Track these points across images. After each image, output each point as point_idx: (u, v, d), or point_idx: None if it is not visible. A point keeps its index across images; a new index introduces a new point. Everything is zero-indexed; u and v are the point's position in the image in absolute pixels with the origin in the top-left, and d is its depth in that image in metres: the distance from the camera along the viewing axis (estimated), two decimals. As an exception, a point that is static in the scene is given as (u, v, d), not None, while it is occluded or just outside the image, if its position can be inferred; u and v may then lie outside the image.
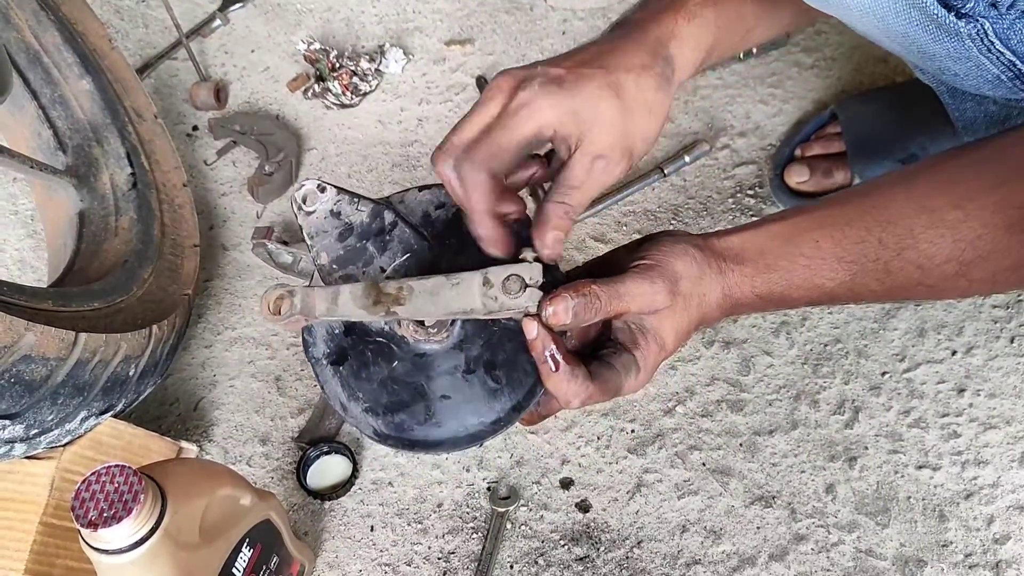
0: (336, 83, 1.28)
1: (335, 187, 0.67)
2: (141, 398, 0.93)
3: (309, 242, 0.67)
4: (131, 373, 0.86)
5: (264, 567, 0.80)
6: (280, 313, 0.63)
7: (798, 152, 1.11)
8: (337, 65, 1.30)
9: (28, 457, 0.81)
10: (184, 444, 0.98)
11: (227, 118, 1.29)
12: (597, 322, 0.64)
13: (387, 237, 0.67)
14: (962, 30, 0.64)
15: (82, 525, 0.59)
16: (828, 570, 0.89)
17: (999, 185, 0.61)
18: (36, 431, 0.76)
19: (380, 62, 1.31)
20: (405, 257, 0.67)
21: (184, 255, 1.06)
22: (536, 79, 0.64)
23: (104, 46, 1.15)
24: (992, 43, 0.65)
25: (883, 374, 0.99)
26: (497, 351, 0.66)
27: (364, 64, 1.30)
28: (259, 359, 1.10)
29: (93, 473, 0.60)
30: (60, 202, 1.05)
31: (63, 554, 0.82)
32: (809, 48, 1.24)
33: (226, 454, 1.03)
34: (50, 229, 1.08)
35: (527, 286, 0.60)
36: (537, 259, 0.64)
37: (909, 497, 0.92)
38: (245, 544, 0.76)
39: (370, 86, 1.30)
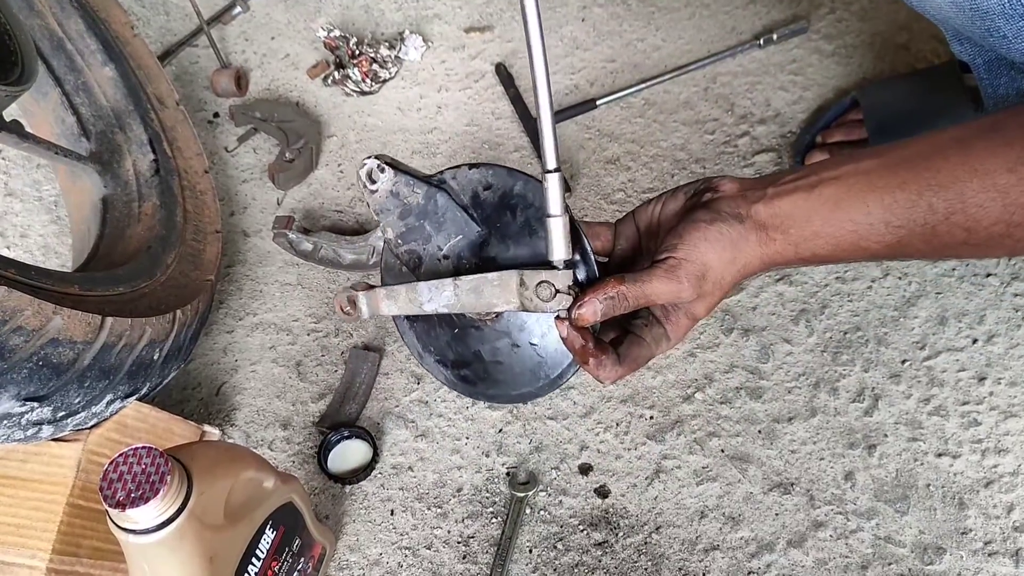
0: (356, 70, 1.29)
1: (393, 168, 0.70)
2: (165, 382, 0.93)
3: (376, 217, 0.72)
4: (155, 357, 0.87)
5: (287, 549, 0.81)
6: (350, 314, 0.74)
7: (819, 139, 1.11)
8: (357, 52, 1.30)
9: (55, 439, 0.82)
10: (207, 428, 0.99)
11: (247, 105, 1.30)
12: None
13: (441, 219, 0.71)
14: None
15: (110, 505, 0.60)
16: (847, 557, 0.89)
17: None
18: (63, 413, 0.77)
19: (399, 49, 1.31)
20: (458, 238, 0.71)
21: (206, 241, 1.07)
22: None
23: (126, 33, 1.15)
24: None
25: (903, 362, 0.99)
26: (540, 329, 0.72)
27: (384, 51, 1.30)
28: (280, 344, 1.11)
29: (121, 455, 0.61)
30: (84, 188, 1.06)
31: (89, 534, 0.83)
32: (830, 35, 1.24)
33: (248, 438, 1.04)
34: (74, 215, 1.09)
35: (558, 292, 0.65)
36: (568, 264, 0.65)
37: (928, 485, 0.92)
38: (268, 526, 0.76)
39: (390, 73, 1.31)
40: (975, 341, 0.99)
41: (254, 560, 0.75)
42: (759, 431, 0.97)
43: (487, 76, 1.29)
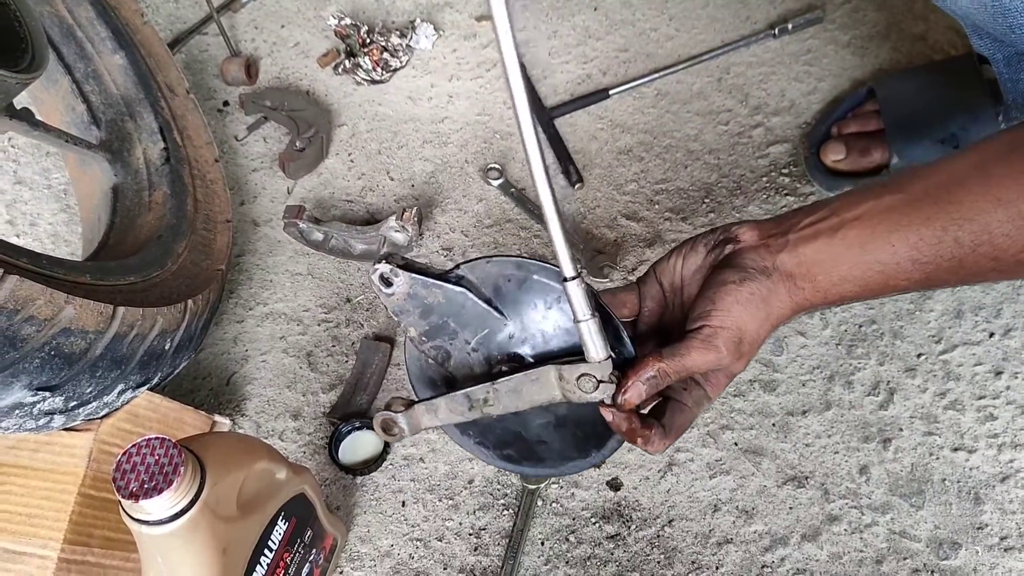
0: (366, 59, 1.28)
1: (407, 272, 0.68)
2: (176, 372, 0.93)
3: (396, 318, 0.71)
4: (167, 347, 0.86)
5: (298, 540, 0.81)
6: (392, 433, 0.71)
7: (834, 130, 1.10)
8: (367, 41, 1.29)
9: (67, 429, 0.82)
10: (218, 418, 0.99)
11: (257, 93, 1.29)
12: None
13: (465, 315, 0.70)
14: None
15: (123, 496, 0.59)
16: (861, 551, 0.89)
17: None
18: (75, 403, 0.77)
19: (411, 38, 1.31)
20: (485, 332, 0.70)
21: (217, 230, 1.06)
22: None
23: (136, 20, 1.15)
24: None
25: (919, 355, 0.98)
26: (582, 411, 0.70)
27: (394, 40, 1.29)
28: (290, 335, 1.10)
29: (134, 445, 0.61)
30: (94, 176, 1.06)
31: (100, 524, 0.83)
32: (845, 26, 1.23)
33: (258, 428, 1.04)
34: (84, 203, 1.08)
35: (600, 382, 0.64)
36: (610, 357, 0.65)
37: (944, 479, 0.91)
38: (280, 517, 0.76)
39: (400, 62, 1.30)
40: (992, 335, 0.98)
41: (266, 551, 0.74)
42: (773, 424, 0.96)
43: (499, 65, 1.28)
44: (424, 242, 1.14)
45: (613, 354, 0.65)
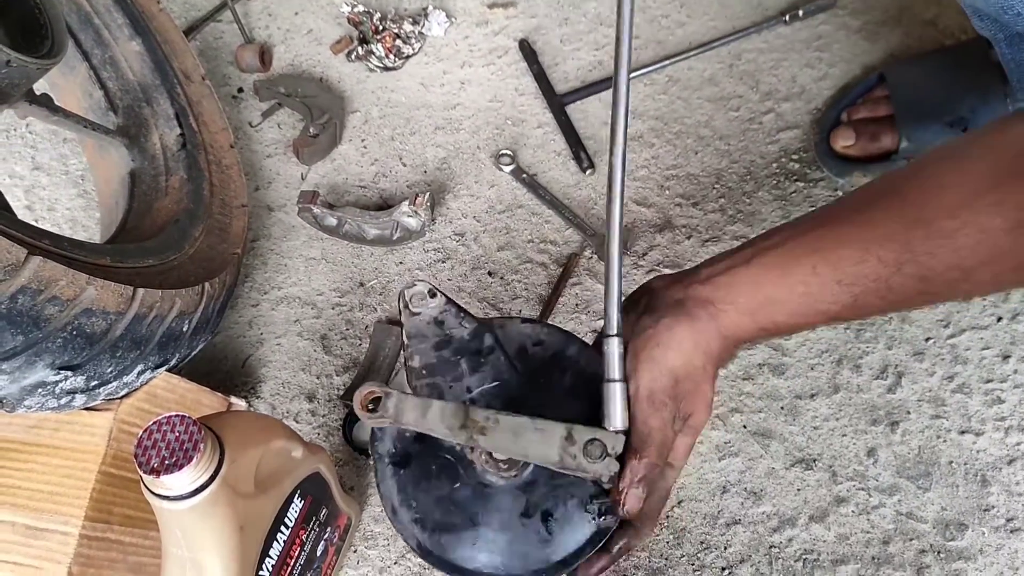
0: (379, 46, 1.29)
1: (446, 296, 0.68)
2: (193, 354, 0.95)
3: (406, 341, 0.68)
4: (184, 329, 0.88)
5: (314, 518, 0.82)
6: (371, 411, 0.65)
7: (844, 116, 1.10)
8: (380, 28, 1.30)
9: (87, 408, 0.84)
10: (234, 399, 1.01)
11: (271, 80, 1.30)
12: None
13: (482, 360, 0.68)
14: None
15: (144, 472, 0.61)
16: (868, 532, 0.90)
17: (993, 187, 0.57)
18: (96, 383, 0.79)
19: (423, 25, 1.31)
20: (494, 384, 0.68)
21: (232, 215, 1.08)
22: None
23: (152, 7, 1.16)
24: None
25: (927, 339, 0.99)
26: (558, 503, 0.67)
27: (407, 27, 1.30)
28: (305, 318, 1.12)
29: (155, 422, 0.62)
30: (112, 162, 1.07)
31: (120, 502, 0.84)
32: (857, 11, 1.23)
33: (273, 410, 1.06)
34: (102, 188, 1.10)
35: (607, 455, 0.62)
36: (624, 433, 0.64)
37: (951, 462, 0.92)
38: (297, 495, 0.77)
39: (413, 49, 1.31)
40: (999, 319, 0.99)
41: (283, 528, 0.76)
42: (781, 407, 0.97)
43: (510, 52, 1.29)
44: (436, 227, 1.16)
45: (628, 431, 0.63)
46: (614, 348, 0.63)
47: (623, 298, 0.66)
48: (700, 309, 0.64)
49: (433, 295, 0.68)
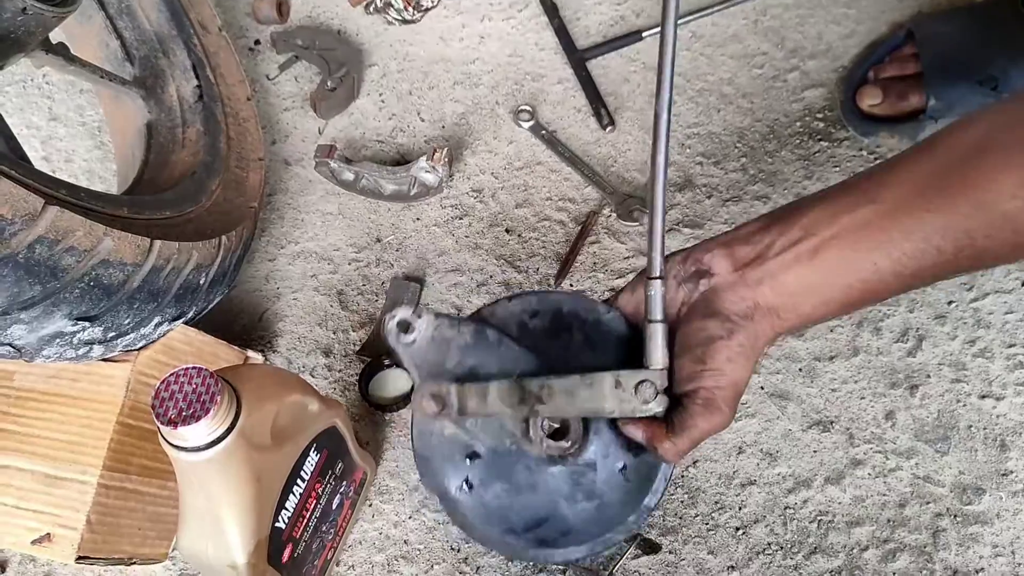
0: (398, -2, 1.27)
1: (432, 312, 0.67)
2: (210, 307, 0.95)
3: (414, 373, 0.68)
4: (201, 281, 0.88)
5: (330, 472, 0.83)
6: (437, 412, 0.67)
7: (871, 74, 1.08)
8: (399, -21, 1.28)
9: (105, 359, 0.84)
10: (250, 353, 1.01)
11: (289, 32, 1.29)
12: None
13: (495, 355, 0.68)
14: None
15: (162, 423, 0.61)
16: (884, 495, 0.90)
17: None
18: (113, 334, 0.79)
19: (442, -23, 1.29)
20: (515, 371, 0.68)
21: (249, 168, 1.07)
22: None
23: (168, -44, 1.14)
24: None
25: (949, 303, 0.97)
26: (621, 456, 0.70)
27: (426, -21, 1.28)
28: (321, 273, 1.11)
29: (172, 374, 0.62)
30: (128, 113, 1.06)
31: (138, 452, 0.85)
32: (886, -34, 1.20)
33: (289, 364, 1.06)
34: (118, 140, 1.09)
35: (658, 392, 0.64)
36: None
37: (970, 426, 0.92)
38: (312, 449, 0.78)
39: (432, 2, 1.29)
40: (1023, 283, 0.97)
41: (299, 481, 0.76)
42: (799, 369, 0.97)
43: (531, 6, 1.27)
44: (454, 183, 1.15)
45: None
46: (657, 290, 0.64)
47: (672, 253, 0.68)
48: (766, 321, 0.65)
49: (419, 315, 0.67)
